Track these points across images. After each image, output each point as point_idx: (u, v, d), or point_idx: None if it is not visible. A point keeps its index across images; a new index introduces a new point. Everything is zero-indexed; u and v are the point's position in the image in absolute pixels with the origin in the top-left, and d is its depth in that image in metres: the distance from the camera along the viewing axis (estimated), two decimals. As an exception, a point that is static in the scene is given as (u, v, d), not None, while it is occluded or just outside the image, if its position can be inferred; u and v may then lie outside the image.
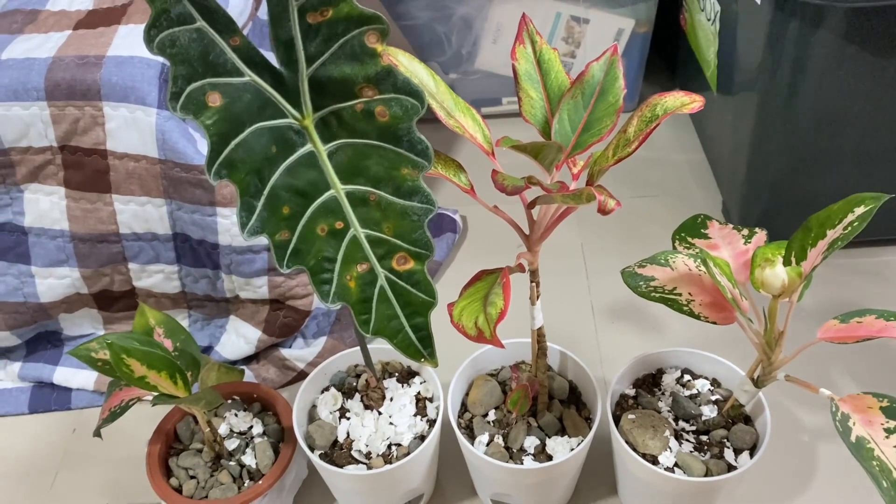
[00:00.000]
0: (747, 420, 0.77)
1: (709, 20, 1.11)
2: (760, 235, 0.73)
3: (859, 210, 0.60)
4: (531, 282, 0.70)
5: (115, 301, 0.93)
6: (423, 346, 0.56)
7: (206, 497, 0.79)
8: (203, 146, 0.80)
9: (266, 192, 0.49)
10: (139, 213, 0.85)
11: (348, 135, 0.50)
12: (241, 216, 0.49)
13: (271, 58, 0.88)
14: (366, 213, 0.53)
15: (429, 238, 0.53)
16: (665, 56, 1.40)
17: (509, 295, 0.54)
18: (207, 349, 0.98)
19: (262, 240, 0.59)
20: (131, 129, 0.80)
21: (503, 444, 0.77)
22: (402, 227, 0.53)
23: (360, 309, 0.54)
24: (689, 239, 0.75)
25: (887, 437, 0.57)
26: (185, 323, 0.98)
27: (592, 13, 1.24)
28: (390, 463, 0.76)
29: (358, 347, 0.94)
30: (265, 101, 0.47)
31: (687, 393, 0.80)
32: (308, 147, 0.50)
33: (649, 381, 0.82)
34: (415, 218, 0.53)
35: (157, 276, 0.91)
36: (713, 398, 0.79)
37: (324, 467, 0.76)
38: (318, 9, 0.45)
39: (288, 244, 0.51)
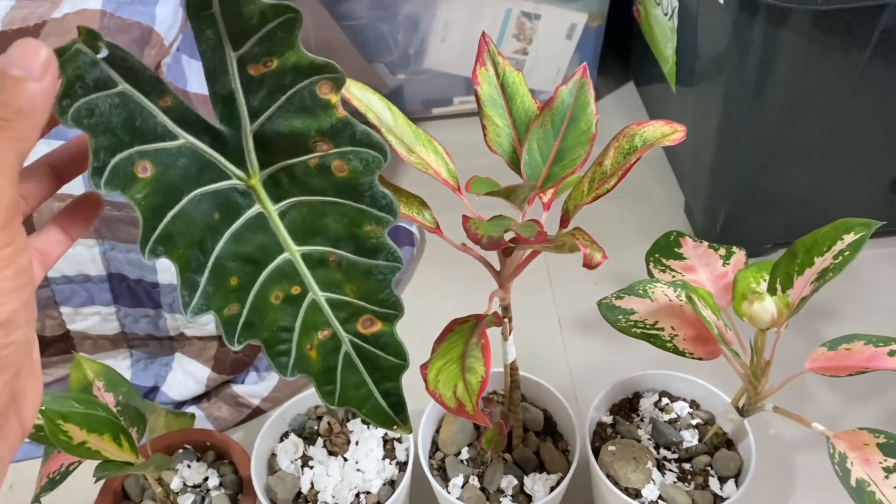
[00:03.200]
0: (729, 444, 0.74)
1: (666, 15, 1.08)
2: (739, 256, 0.69)
3: (849, 237, 0.57)
4: (503, 318, 0.66)
5: (47, 346, 0.86)
6: (394, 412, 0.50)
7: (161, 562, 0.73)
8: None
9: (210, 264, 0.43)
10: (69, 255, 0.77)
11: (301, 192, 0.44)
12: (182, 295, 0.43)
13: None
14: (325, 274, 0.47)
15: (397, 298, 0.48)
16: (618, 49, 1.36)
17: (489, 359, 0.49)
18: (153, 390, 0.91)
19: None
20: (53, 165, 0.72)
21: (479, 486, 0.73)
22: (367, 288, 0.48)
23: (323, 380, 0.49)
24: (664, 260, 0.72)
25: (886, 478, 0.54)
26: (126, 363, 0.91)
27: (543, 8, 1.19)
28: (360, 513, 0.71)
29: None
30: (204, 163, 0.41)
31: (666, 417, 0.77)
32: (256, 208, 0.44)
33: (626, 407, 0.79)
34: (380, 277, 0.47)
35: (92, 319, 0.84)
36: (693, 422, 0.76)
37: (288, 525, 0.70)
38: (260, 60, 0.39)
39: (238, 318, 0.45)
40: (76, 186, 0.40)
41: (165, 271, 0.79)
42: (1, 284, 0.28)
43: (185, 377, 0.90)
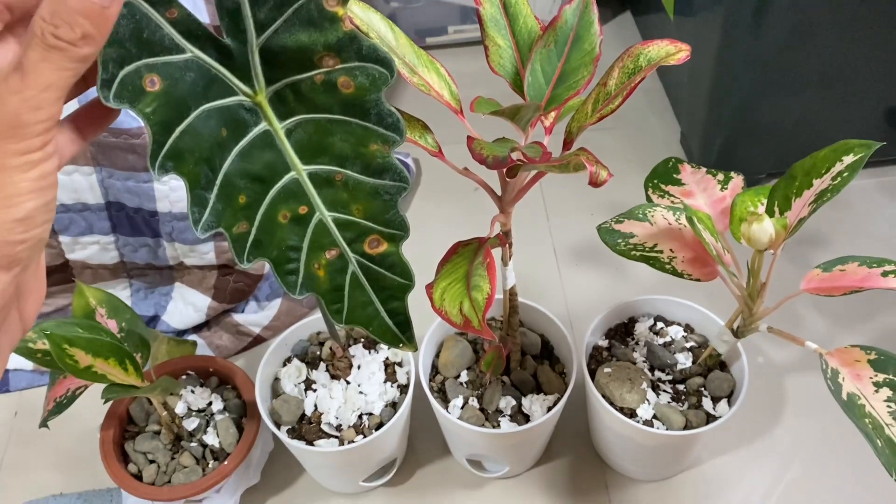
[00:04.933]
0: (722, 366, 0.76)
1: (665, -60, 1.05)
2: (737, 181, 0.70)
3: (848, 159, 0.57)
4: (503, 244, 0.66)
5: (47, 275, 0.86)
6: (401, 330, 0.51)
7: (169, 482, 0.75)
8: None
9: (219, 181, 0.43)
10: (66, 183, 0.77)
11: (307, 110, 0.44)
12: (192, 212, 0.43)
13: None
14: (332, 194, 0.47)
15: (403, 218, 0.48)
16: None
17: (495, 277, 0.50)
18: (153, 319, 0.92)
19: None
20: (47, 91, 0.71)
21: (478, 407, 0.75)
22: (373, 208, 0.48)
23: (330, 298, 0.50)
24: (663, 186, 0.72)
25: (876, 392, 0.56)
26: (126, 293, 0.92)
27: (540, -67, 1.16)
28: (363, 434, 0.73)
29: (317, 312, 0.90)
30: (211, 78, 0.41)
31: (661, 341, 0.79)
32: (262, 126, 0.44)
33: (622, 331, 0.81)
34: (386, 197, 0.48)
35: (91, 248, 0.84)
36: (687, 345, 0.78)
37: (294, 445, 0.72)
38: (266, -30, 0.38)
39: (247, 236, 0.46)
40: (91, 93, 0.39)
41: (164, 199, 0.79)
42: (25, 184, 0.30)
43: (185, 306, 0.91)
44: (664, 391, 0.75)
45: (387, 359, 0.78)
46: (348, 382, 0.76)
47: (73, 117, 0.38)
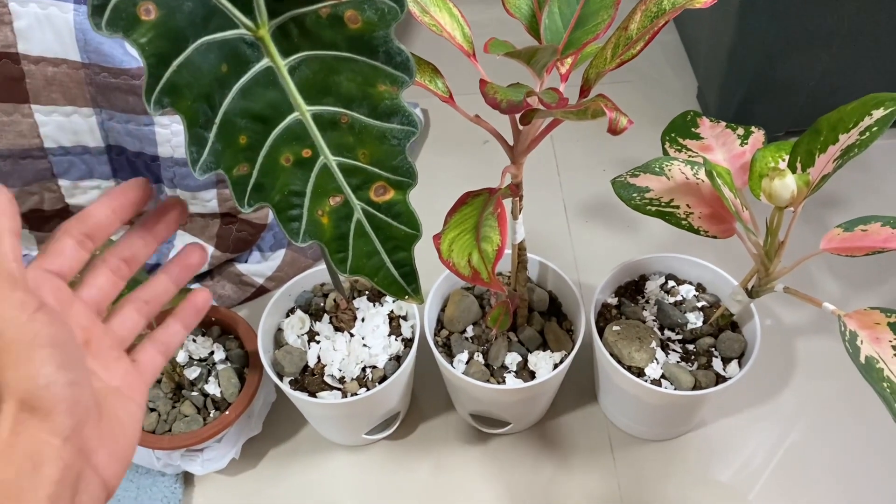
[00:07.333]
0: (734, 326, 0.75)
1: None
2: (758, 136, 0.67)
3: (878, 113, 0.54)
4: (514, 196, 0.64)
5: (47, 220, 0.84)
6: (406, 282, 0.50)
7: (170, 431, 0.74)
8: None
9: (218, 119, 0.41)
10: (65, 125, 0.74)
11: (312, 46, 0.42)
12: (190, 151, 0.41)
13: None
14: (337, 137, 0.45)
15: (411, 165, 0.46)
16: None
17: (506, 228, 0.48)
18: (155, 267, 0.90)
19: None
20: (45, 28, 0.68)
21: (483, 362, 0.74)
22: (380, 153, 0.46)
23: (335, 247, 0.48)
24: (680, 140, 0.70)
25: None
26: (128, 240, 0.90)
27: None
28: (366, 386, 0.72)
29: (321, 263, 0.88)
30: (211, 8, 0.38)
31: (671, 300, 0.77)
32: (265, 62, 0.42)
33: (632, 289, 0.79)
34: (394, 142, 0.45)
35: (92, 193, 0.82)
36: (699, 305, 0.76)
37: (296, 397, 0.71)
38: None
39: (248, 179, 0.44)
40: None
41: (165, 144, 0.76)
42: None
43: (187, 255, 0.89)
44: (674, 351, 0.73)
45: (391, 312, 0.77)
46: (352, 335, 0.75)
47: (175, 313, 0.45)
